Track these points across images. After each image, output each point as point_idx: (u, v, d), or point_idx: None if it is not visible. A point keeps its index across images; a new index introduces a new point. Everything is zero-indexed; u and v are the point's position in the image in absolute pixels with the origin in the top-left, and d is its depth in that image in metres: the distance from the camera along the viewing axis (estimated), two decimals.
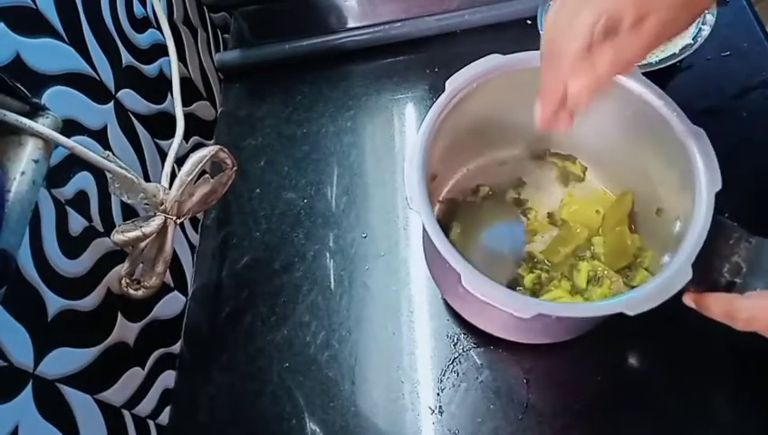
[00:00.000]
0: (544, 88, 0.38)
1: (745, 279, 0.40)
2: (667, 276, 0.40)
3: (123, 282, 0.51)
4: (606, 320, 0.52)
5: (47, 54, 0.47)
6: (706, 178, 0.42)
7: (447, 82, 0.49)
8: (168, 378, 0.59)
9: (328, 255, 0.64)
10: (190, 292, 0.65)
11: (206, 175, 0.57)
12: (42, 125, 0.40)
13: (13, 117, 0.39)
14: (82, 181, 0.49)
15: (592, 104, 0.46)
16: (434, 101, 0.48)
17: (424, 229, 0.45)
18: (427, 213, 0.43)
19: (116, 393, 0.50)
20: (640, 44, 0.33)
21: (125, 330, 0.53)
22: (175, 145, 0.56)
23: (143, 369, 0.55)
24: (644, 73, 0.57)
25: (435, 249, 0.42)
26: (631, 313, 0.38)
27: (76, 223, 0.48)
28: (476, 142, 0.57)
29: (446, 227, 0.57)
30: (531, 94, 0.41)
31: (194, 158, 0.53)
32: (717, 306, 0.39)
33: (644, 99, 0.47)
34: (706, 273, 0.41)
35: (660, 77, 0.63)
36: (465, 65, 0.51)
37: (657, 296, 0.39)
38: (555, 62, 0.36)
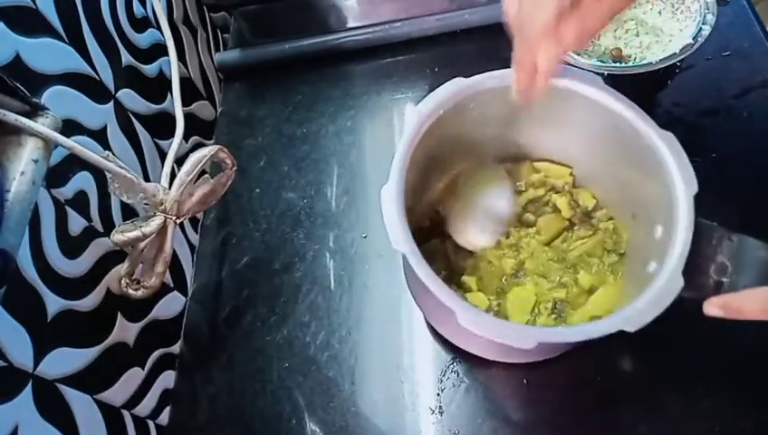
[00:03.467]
0: (517, 59, 0.40)
1: (732, 277, 0.40)
2: (660, 286, 0.39)
3: (123, 282, 0.51)
4: None
5: (47, 54, 0.47)
6: (682, 182, 0.42)
7: (415, 109, 0.47)
8: (167, 378, 0.59)
9: (328, 255, 0.64)
10: (190, 292, 0.65)
11: (206, 175, 0.57)
12: (41, 125, 0.40)
13: (12, 117, 0.39)
14: (82, 181, 0.49)
15: (567, 118, 0.48)
16: None
17: (404, 260, 0.44)
18: (414, 252, 0.42)
19: (116, 393, 0.50)
20: (602, 12, 0.36)
21: (125, 330, 0.53)
22: (175, 145, 0.56)
23: (143, 369, 0.55)
24: (645, 73, 0.58)
25: (422, 285, 0.41)
26: (632, 329, 0.38)
27: (76, 223, 0.48)
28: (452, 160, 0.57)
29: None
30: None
31: (194, 158, 0.53)
32: (751, 305, 0.36)
33: (611, 108, 0.47)
34: (694, 276, 0.41)
35: (660, 77, 0.63)
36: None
37: (654, 309, 0.39)
38: (525, 34, 0.38)
